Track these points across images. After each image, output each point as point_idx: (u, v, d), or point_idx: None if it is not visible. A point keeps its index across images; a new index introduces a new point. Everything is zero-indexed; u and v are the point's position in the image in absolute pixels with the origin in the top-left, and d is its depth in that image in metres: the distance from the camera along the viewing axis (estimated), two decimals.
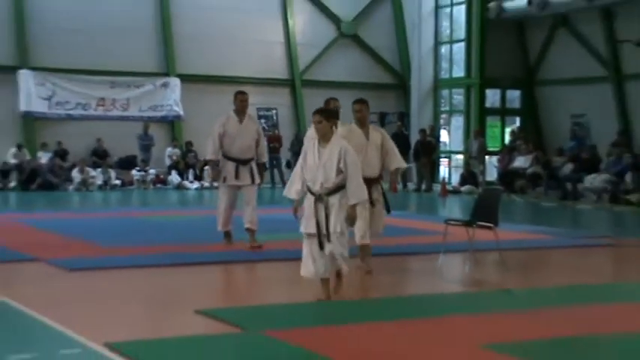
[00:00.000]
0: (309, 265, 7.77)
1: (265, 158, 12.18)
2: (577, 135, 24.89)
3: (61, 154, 23.95)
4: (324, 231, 7.64)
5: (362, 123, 9.56)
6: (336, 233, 7.63)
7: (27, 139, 24.01)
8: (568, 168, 22.24)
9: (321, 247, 7.65)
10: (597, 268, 10.93)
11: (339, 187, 7.63)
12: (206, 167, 25.01)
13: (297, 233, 7.88)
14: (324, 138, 7.74)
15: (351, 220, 7.74)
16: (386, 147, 9.57)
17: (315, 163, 7.71)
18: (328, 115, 7.82)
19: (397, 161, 9.72)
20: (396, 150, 9.77)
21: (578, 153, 22.65)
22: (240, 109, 11.56)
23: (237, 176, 11.30)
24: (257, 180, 11.37)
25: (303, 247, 7.79)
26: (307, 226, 7.75)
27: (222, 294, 8.39)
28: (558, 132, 26.01)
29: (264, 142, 11.63)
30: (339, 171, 7.62)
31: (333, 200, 7.65)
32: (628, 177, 20.32)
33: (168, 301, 8.09)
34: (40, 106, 24.20)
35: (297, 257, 10.66)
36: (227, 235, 11.41)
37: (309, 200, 7.75)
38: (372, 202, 9.14)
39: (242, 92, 11.76)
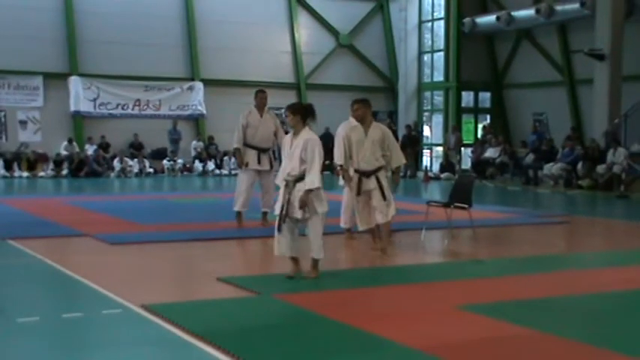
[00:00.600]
0: (276, 245, 7.38)
1: None
2: (537, 130, 24.82)
3: (104, 146, 23.96)
4: (284, 213, 7.22)
5: (361, 120, 9.08)
6: (301, 217, 7.22)
7: (76, 134, 24.02)
8: (530, 158, 22.21)
9: (279, 228, 7.26)
10: (555, 241, 10.92)
11: (304, 176, 7.20)
12: (225, 157, 25.05)
13: None
14: (295, 130, 7.39)
15: (301, 203, 7.15)
16: (387, 143, 9.07)
17: (287, 153, 7.37)
18: (294, 109, 7.39)
19: (397, 159, 9.24)
20: (397, 147, 9.34)
21: (538, 145, 22.60)
22: (260, 105, 11.56)
23: (259, 162, 11.26)
24: (275, 166, 11.25)
25: None
26: (276, 208, 7.42)
27: (240, 264, 8.39)
28: (522, 127, 25.96)
29: (282, 133, 11.17)
30: (303, 161, 7.21)
31: (299, 187, 7.21)
32: (580, 166, 20.30)
33: (194, 270, 8.10)
34: (87, 107, 24.21)
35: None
36: (239, 215, 11.29)
37: (282, 186, 7.39)
38: (359, 193, 8.92)
39: (262, 91, 11.79)
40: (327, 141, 26.80)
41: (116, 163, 23.31)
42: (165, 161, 24.43)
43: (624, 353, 4.92)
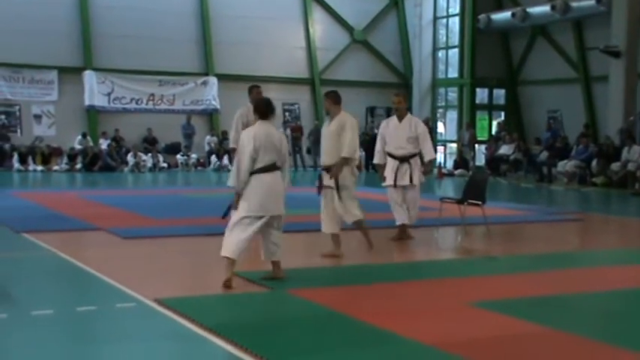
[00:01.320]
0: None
1: None
2: (552, 127, 24.75)
3: (118, 141, 24.05)
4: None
5: (326, 112, 8.71)
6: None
7: (90, 128, 24.12)
8: (544, 155, 22.13)
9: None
10: (569, 238, 10.89)
11: None
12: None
13: (312, 209, 7.82)
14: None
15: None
16: (341, 135, 8.34)
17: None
18: (254, 105, 7.38)
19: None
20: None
21: (552, 142, 22.52)
22: None
23: None
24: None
25: None
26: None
27: (253, 259, 8.38)
28: (536, 124, 25.86)
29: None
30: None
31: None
32: (594, 163, 20.22)
33: (207, 264, 8.11)
34: (101, 101, 24.30)
35: (313, 229, 10.73)
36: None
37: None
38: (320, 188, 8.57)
39: (257, 86, 11.01)
40: None
41: (130, 157, 23.38)
42: (178, 156, 24.49)
43: (638, 351, 4.91)
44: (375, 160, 10.02)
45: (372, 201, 12.66)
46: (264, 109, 7.02)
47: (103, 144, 23.67)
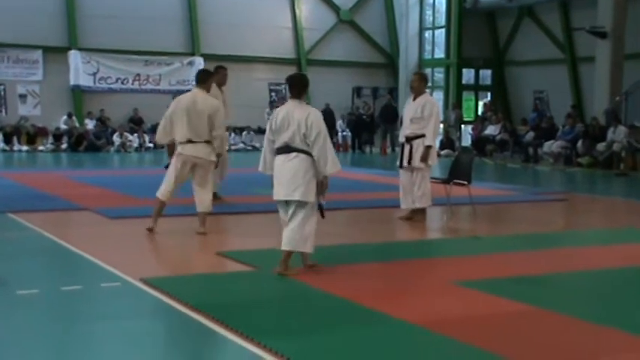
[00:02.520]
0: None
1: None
2: (538, 108, 24.81)
3: (103, 121, 23.94)
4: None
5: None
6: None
7: (76, 108, 24.01)
8: (530, 135, 22.18)
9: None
10: (554, 218, 10.94)
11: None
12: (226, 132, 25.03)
13: None
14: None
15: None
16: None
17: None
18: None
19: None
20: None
21: (538, 123, 22.57)
22: (222, 83, 10.88)
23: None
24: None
25: None
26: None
27: (239, 239, 8.40)
28: (523, 105, 25.93)
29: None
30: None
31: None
32: (579, 143, 20.29)
33: (193, 244, 8.10)
34: (86, 81, 24.19)
35: None
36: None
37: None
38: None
39: (222, 67, 11.00)
40: (328, 117, 26.80)
41: (116, 137, 23.28)
42: None
43: (623, 330, 4.95)
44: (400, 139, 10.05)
45: (354, 181, 12.65)
46: (290, 85, 6.63)
47: (89, 124, 23.56)
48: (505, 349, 4.47)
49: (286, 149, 6.43)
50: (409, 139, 9.52)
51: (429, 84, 27.82)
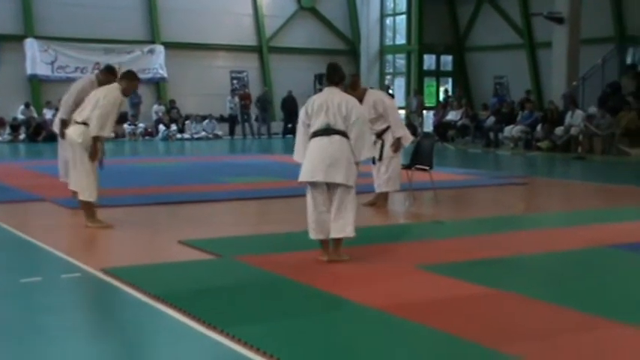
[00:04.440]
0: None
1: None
2: (498, 93, 25.04)
3: None
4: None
5: None
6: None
7: (33, 98, 23.63)
8: (491, 120, 22.37)
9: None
10: (514, 202, 11.04)
11: None
12: (187, 121, 24.83)
13: (262, 177, 7.74)
14: None
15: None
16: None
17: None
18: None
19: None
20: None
21: (499, 108, 22.78)
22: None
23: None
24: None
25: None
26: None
27: (201, 227, 8.33)
28: (483, 90, 26.14)
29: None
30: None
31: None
32: (539, 128, 20.52)
33: (155, 233, 8.02)
34: (44, 70, 23.81)
35: (263, 196, 10.70)
36: None
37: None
38: None
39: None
40: (290, 104, 26.85)
41: (57, 117, 22.93)
42: (126, 125, 24.12)
43: (581, 310, 5.01)
44: None
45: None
46: (328, 73, 6.61)
47: (48, 114, 23.18)
48: (466, 332, 4.49)
49: (327, 131, 6.30)
50: (379, 135, 9.41)
51: (390, 70, 28.02)
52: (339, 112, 6.29)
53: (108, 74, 9.11)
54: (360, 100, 9.21)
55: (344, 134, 6.31)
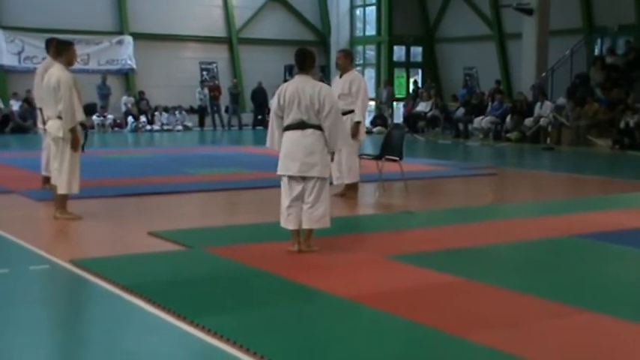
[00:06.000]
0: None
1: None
2: (468, 84, 25.16)
3: (30, 102, 23.21)
4: None
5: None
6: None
7: (0, 89, 23.28)
8: (460, 112, 22.51)
9: None
10: (484, 192, 11.13)
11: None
12: (157, 112, 24.68)
13: (232, 168, 7.71)
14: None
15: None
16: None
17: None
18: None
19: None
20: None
21: (468, 99, 22.91)
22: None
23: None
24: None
25: None
26: None
27: (170, 219, 8.29)
28: (453, 81, 26.25)
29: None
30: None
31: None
32: (508, 119, 20.68)
33: (124, 225, 7.96)
34: (10, 61, 23.49)
35: (232, 187, 10.68)
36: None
37: None
38: None
39: (53, 40, 9.48)
40: (260, 95, 26.74)
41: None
42: (94, 117, 23.89)
43: (547, 298, 5.07)
44: None
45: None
46: (297, 60, 6.47)
47: (15, 105, 22.90)
48: (434, 320, 4.53)
49: (301, 125, 6.31)
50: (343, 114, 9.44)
51: (361, 61, 28.05)
52: (311, 106, 6.28)
53: (52, 51, 8.64)
54: (342, 73, 9.54)
55: (318, 127, 6.33)
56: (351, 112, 9.40)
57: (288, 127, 6.38)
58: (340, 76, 9.65)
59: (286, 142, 6.38)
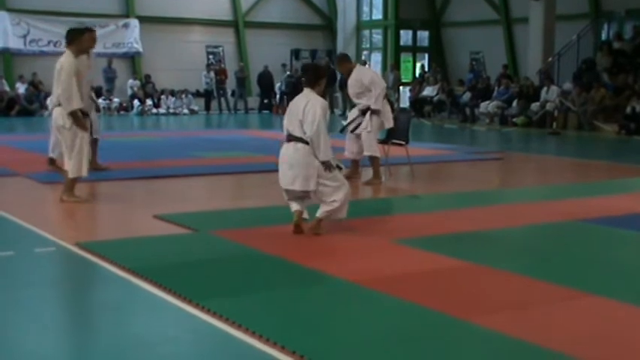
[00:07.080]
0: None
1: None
2: (474, 69, 25.05)
3: (36, 85, 23.25)
4: None
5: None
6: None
7: (6, 72, 23.27)
8: (467, 96, 22.42)
9: None
10: (490, 177, 11.10)
11: None
12: (163, 96, 24.65)
13: (238, 152, 7.69)
14: None
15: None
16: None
17: None
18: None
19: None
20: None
21: (475, 84, 22.82)
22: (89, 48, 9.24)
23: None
24: None
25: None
26: None
27: (177, 202, 8.28)
28: (459, 66, 26.14)
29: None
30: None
31: None
32: (514, 103, 20.60)
33: (130, 208, 7.96)
34: (16, 44, 23.45)
35: (239, 171, 10.67)
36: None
37: None
38: None
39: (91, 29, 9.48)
40: (266, 79, 26.68)
41: (49, 101, 22.65)
42: (100, 100, 23.81)
43: (553, 282, 5.05)
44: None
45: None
46: (303, 74, 6.62)
47: (20, 88, 22.89)
48: (439, 304, 4.52)
49: (288, 137, 6.44)
50: (364, 112, 9.63)
51: (367, 45, 27.93)
52: (296, 118, 6.37)
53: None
54: (349, 76, 9.64)
55: (302, 140, 6.35)
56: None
57: (286, 139, 6.52)
58: (348, 77, 9.81)
59: (280, 154, 6.54)
